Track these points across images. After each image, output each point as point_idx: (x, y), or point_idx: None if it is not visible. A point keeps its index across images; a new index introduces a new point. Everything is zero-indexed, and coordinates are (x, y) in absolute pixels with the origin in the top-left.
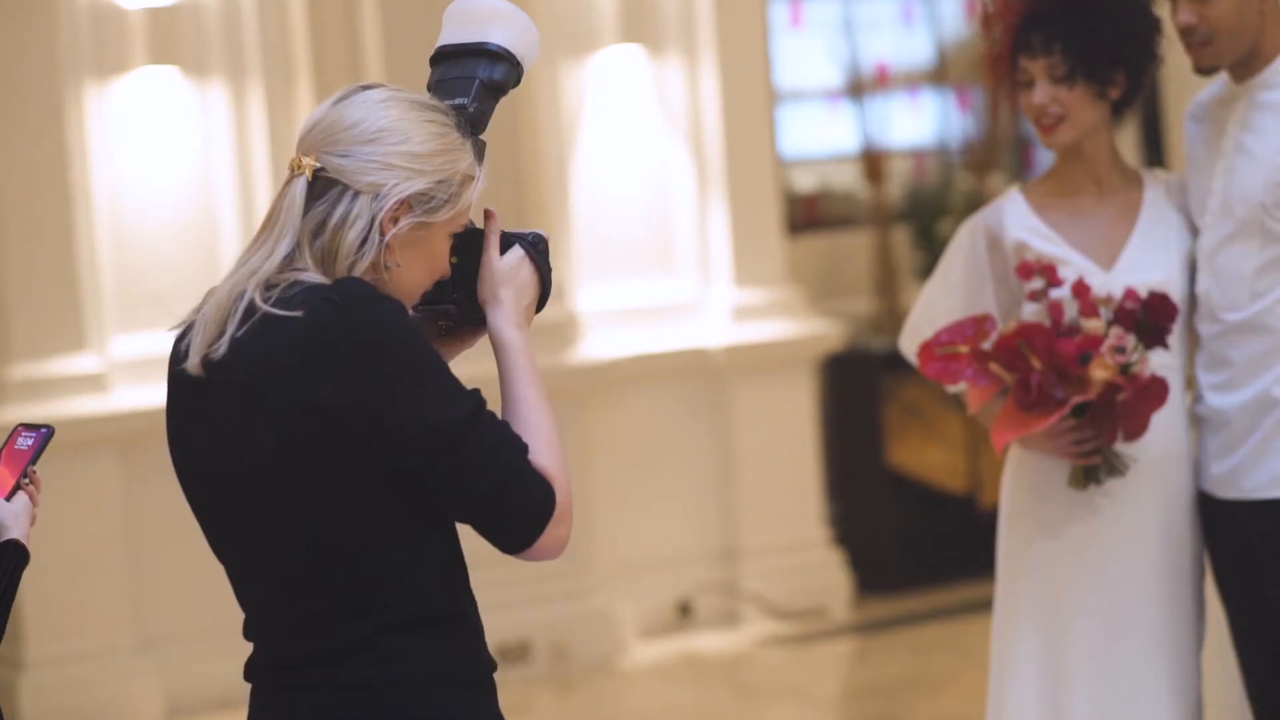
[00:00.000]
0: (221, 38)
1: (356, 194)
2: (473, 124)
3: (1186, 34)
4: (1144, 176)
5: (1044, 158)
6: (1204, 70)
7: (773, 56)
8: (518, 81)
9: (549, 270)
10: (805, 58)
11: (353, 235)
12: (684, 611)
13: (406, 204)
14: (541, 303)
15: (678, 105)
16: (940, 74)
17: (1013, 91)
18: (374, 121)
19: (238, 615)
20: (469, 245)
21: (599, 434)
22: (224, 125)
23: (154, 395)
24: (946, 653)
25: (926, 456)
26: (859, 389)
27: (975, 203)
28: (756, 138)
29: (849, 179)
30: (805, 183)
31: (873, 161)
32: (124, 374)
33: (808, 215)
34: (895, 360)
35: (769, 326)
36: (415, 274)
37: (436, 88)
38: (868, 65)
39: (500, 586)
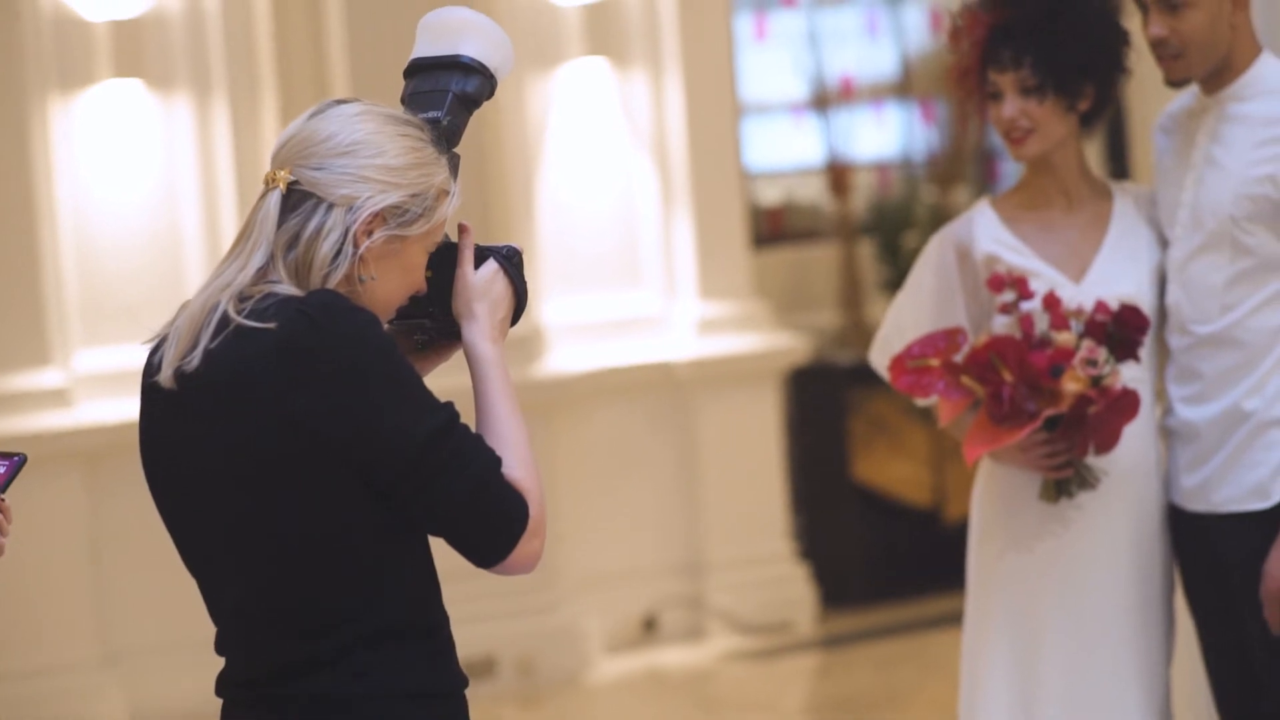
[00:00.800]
0: (186, 50)
1: (331, 207)
2: (447, 137)
3: (1158, 46)
4: (1113, 189)
5: (1008, 170)
6: (1175, 83)
7: (738, 69)
8: (491, 94)
9: (523, 284)
10: (770, 71)
11: (326, 247)
12: (649, 626)
13: (381, 217)
14: (516, 316)
15: (643, 118)
16: (905, 87)
17: (981, 105)
18: (348, 135)
19: (203, 630)
20: (443, 259)
21: (564, 447)
22: (188, 138)
23: (118, 410)
24: (912, 667)
25: (892, 470)
26: (824, 402)
27: (940, 216)
28: (721, 151)
29: (814, 192)
30: (770, 196)
31: (837, 174)
32: (88, 388)
33: (772, 228)
34: (860, 374)
35: (734, 340)
36: (390, 287)
37: (410, 101)
38: (832, 78)
39: (465, 601)
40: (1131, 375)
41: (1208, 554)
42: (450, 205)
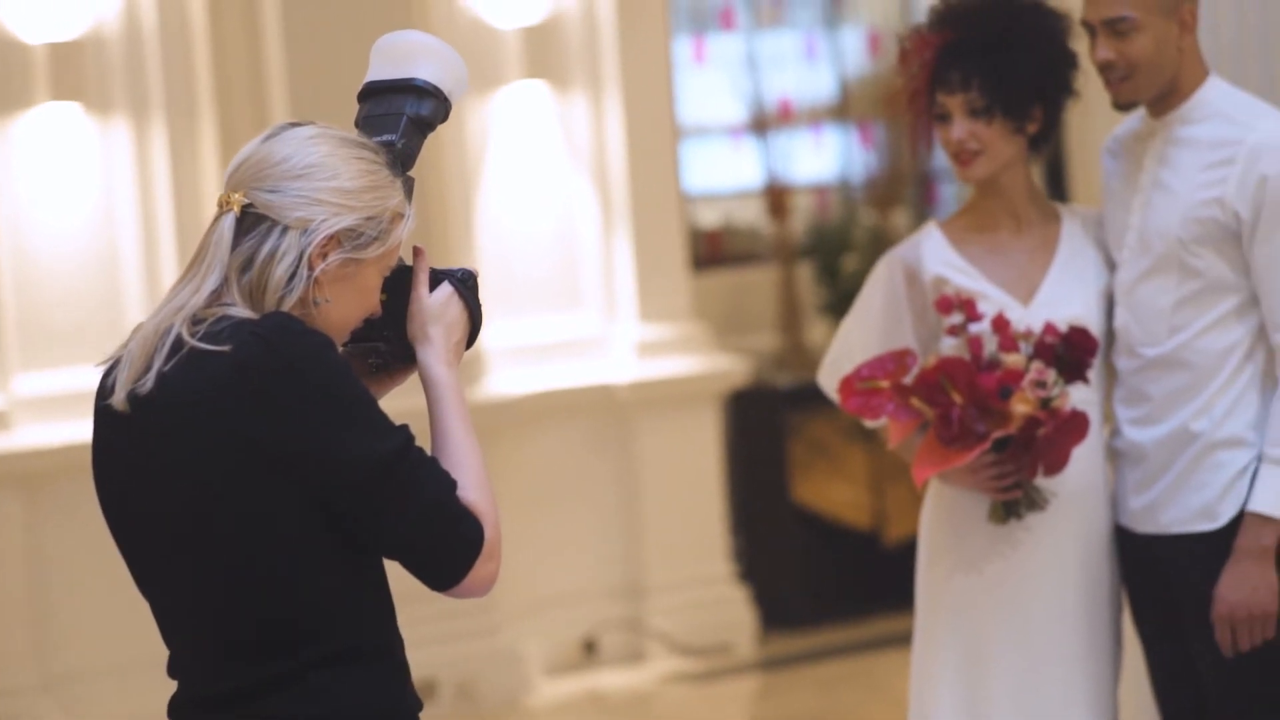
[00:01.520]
0: (124, 73)
1: (285, 229)
2: (401, 160)
3: (1106, 70)
4: (1061, 211)
5: (946, 193)
6: (1123, 106)
7: (676, 92)
8: (445, 117)
9: (478, 307)
10: (708, 93)
11: (281, 270)
12: (589, 649)
13: (335, 240)
14: (471, 340)
15: (582, 141)
16: (843, 110)
17: (929, 126)
18: (303, 158)
19: (144, 653)
20: (398, 282)
21: (504, 470)
22: (126, 161)
23: (57, 433)
24: (853, 688)
25: (831, 492)
26: (763, 425)
27: (879, 238)
28: (661, 173)
29: (752, 215)
30: (709, 218)
31: (776, 197)
32: (26, 412)
33: (711, 251)
34: (800, 396)
35: (674, 362)
36: (345, 310)
37: (364, 124)
38: (771, 101)
39: (406, 624)
40: (1080, 397)
41: (1155, 575)
42: (405, 228)
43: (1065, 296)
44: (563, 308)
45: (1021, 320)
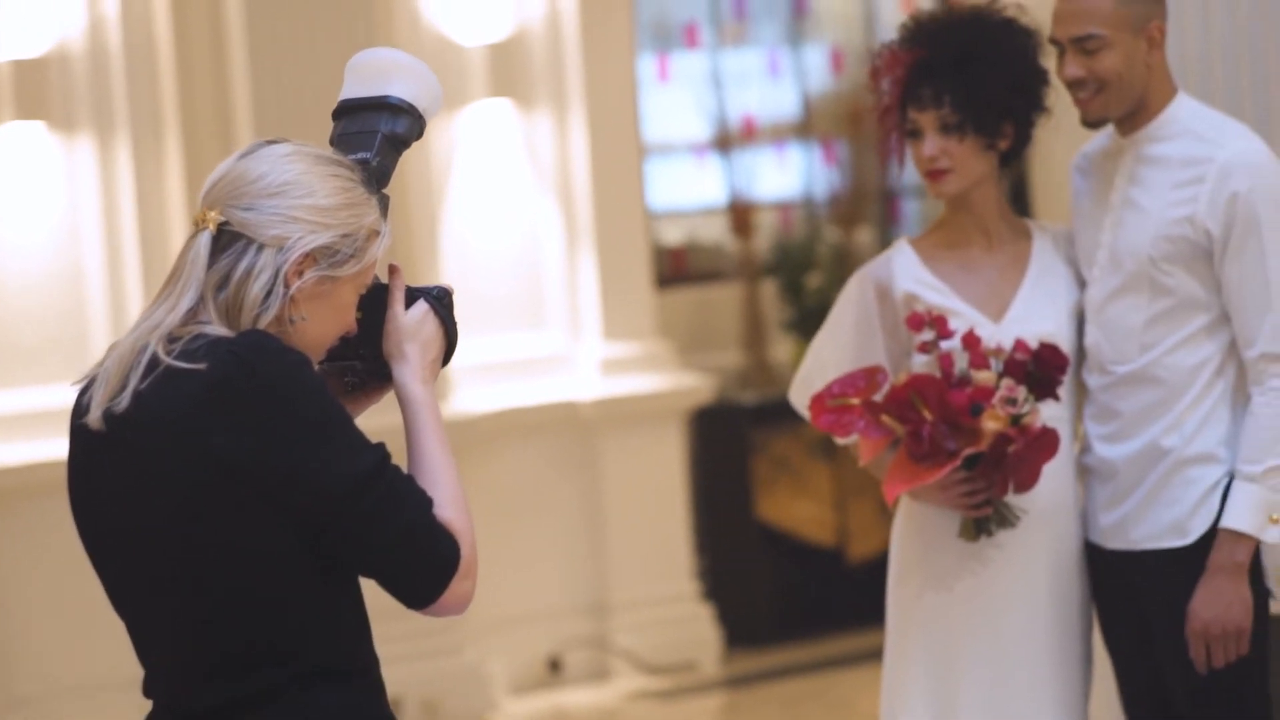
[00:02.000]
0: (89, 92)
1: (261, 247)
2: (376, 178)
3: (1075, 86)
4: (1031, 228)
5: (910, 211)
6: (1092, 123)
7: (641, 110)
8: (420, 134)
9: (454, 324)
10: (673, 111)
11: (257, 288)
12: (554, 667)
13: (311, 257)
14: (446, 358)
15: (546, 159)
16: (806, 127)
17: (901, 143)
18: (278, 175)
19: (110, 674)
20: (374, 300)
21: (469, 488)
22: (91, 180)
23: (16, 452)
24: (817, 706)
25: (795, 510)
26: (728, 443)
27: (842, 256)
28: (625, 191)
29: (716, 232)
30: (673, 236)
31: (740, 214)
32: None
33: (675, 268)
34: (764, 413)
35: (638, 380)
36: (321, 328)
37: (339, 142)
38: (734, 119)
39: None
40: (1050, 414)
41: (1125, 591)
42: (381, 246)
43: (1036, 313)
44: (528, 325)
45: (992, 337)
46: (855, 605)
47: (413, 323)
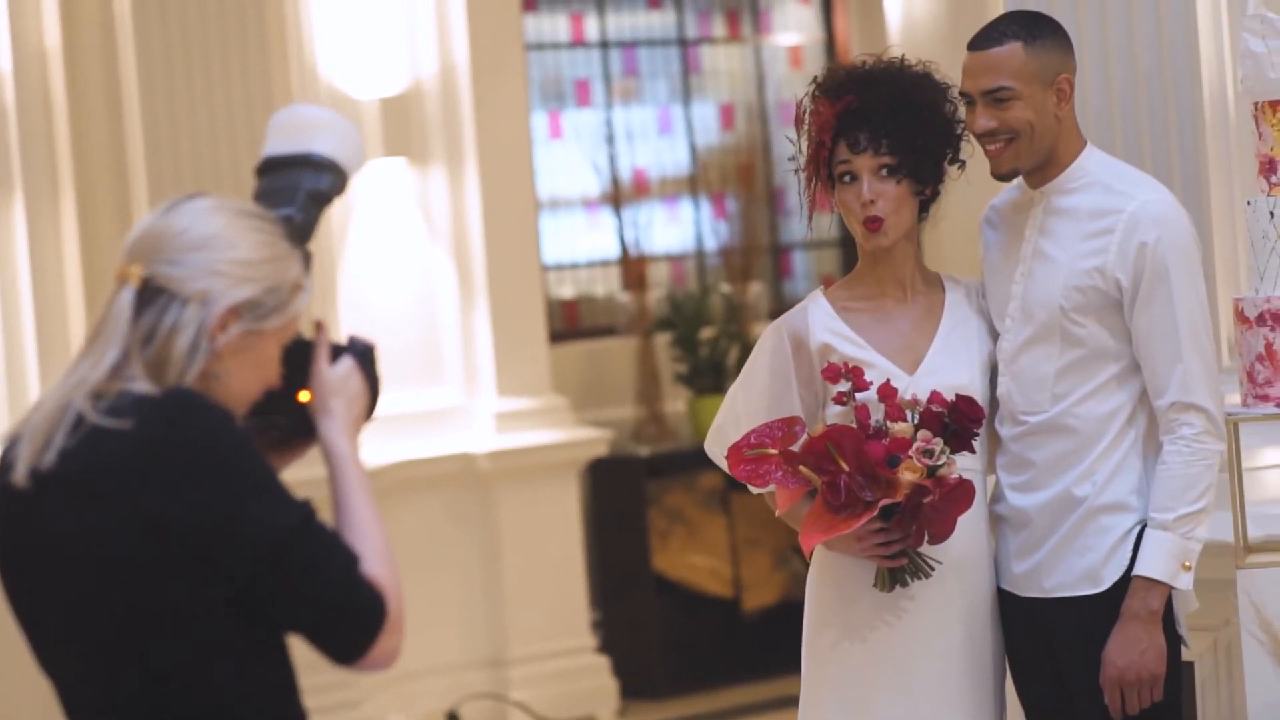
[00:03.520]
0: None
1: (185, 302)
2: (300, 234)
3: (986, 138)
4: (944, 280)
5: (800, 265)
6: (1003, 175)
7: (534, 166)
8: (342, 190)
9: (377, 379)
10: (565, 167)
11: (181, 343)
12: None
13: (235, 312)
14: (369, 412)
15: (441, 215)
16: (697, 182)
17: (825, 190)
18: (201, 229)
19: None
20: (299, 356)
21: None
22: None
23: None
24: None
25: (690, 562)
26: (623, 495)
27: (735, 310)
28: (519, 247)
29: (609, 286)
30: (566, 290)
31: (633, 268)
32: None
33: (569, 322)
34: (659, 466)
35: (534, 433)
36: (245, 382)
37: (262, 198)
38: (626, 174)
39: None
40: (964, 465)
41: (1039, 639)
42: (304, 300)
43: (950, 365)
44: (424, 380)
45: (907, 389)
46: (750, 656)
47: (338, 378)
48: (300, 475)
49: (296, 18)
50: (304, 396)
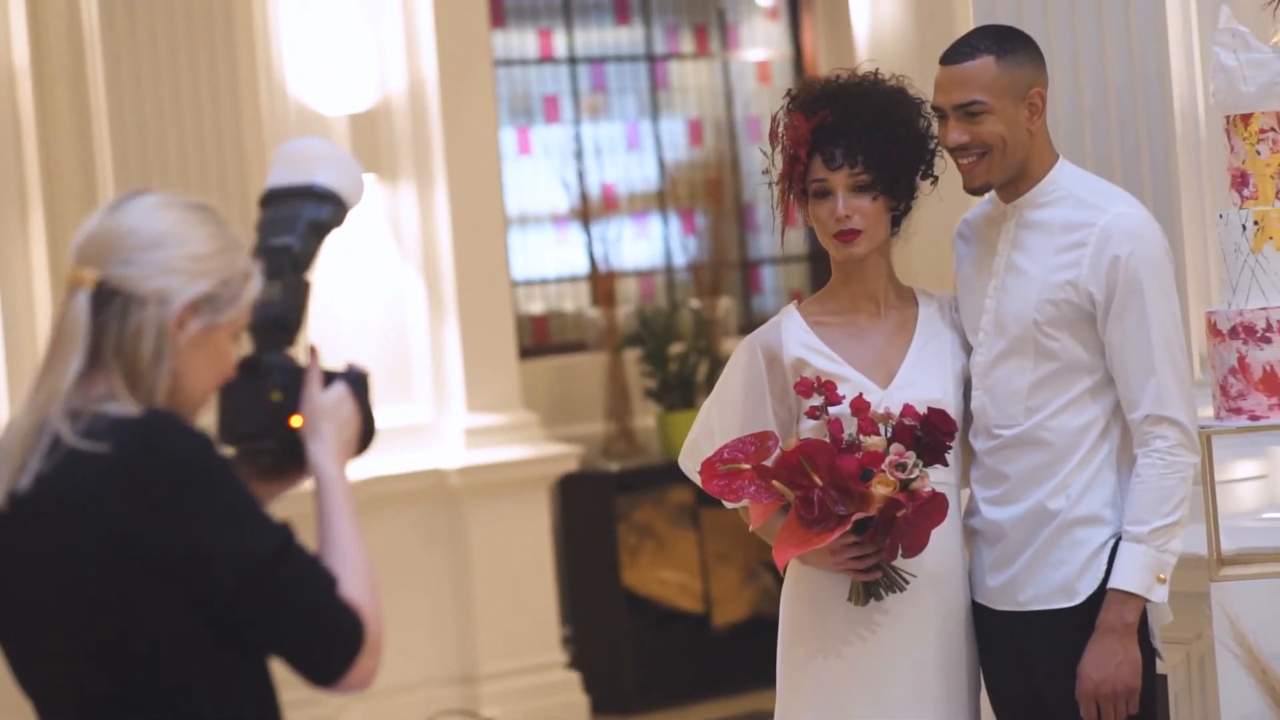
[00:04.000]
0: None
1: (143, 302)
2: (298, 263)
3: (959, 152)
4: (917, 294)
5: (769, 281)
6: (975, 189)
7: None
8: (342, 222)
9: (370, 408)
10: (534, 183)
11: (145, 346)
12: None
13: (193, 308)
14: (367, 441)
15: (410, 232)
16: (665, 198)
17: (800, 204)
18: (152, 227)
19: None
20: (293, 381)
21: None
22: None
23: None
24: None
25: (660, 577)
26: (593, 511)
27: (704, 325)
28: (488, 263)
29: (578, 302)
30: (535, 306)
31: (602, 284)
32: None
33: (538, 338)
34: (628, 482)
35: (504, 449)
36: (201, 378)
37: (263, 227)
38: (595, 190)
39: None
40: (937, 479)
41: (1013, 652)
42: (253, 289)
43: (923, 379)
44: (393, 396)
45: (881, 403)
46: (721, 671)
47: (330, 402)
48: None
49: (265, 34)
50: (296, 421)
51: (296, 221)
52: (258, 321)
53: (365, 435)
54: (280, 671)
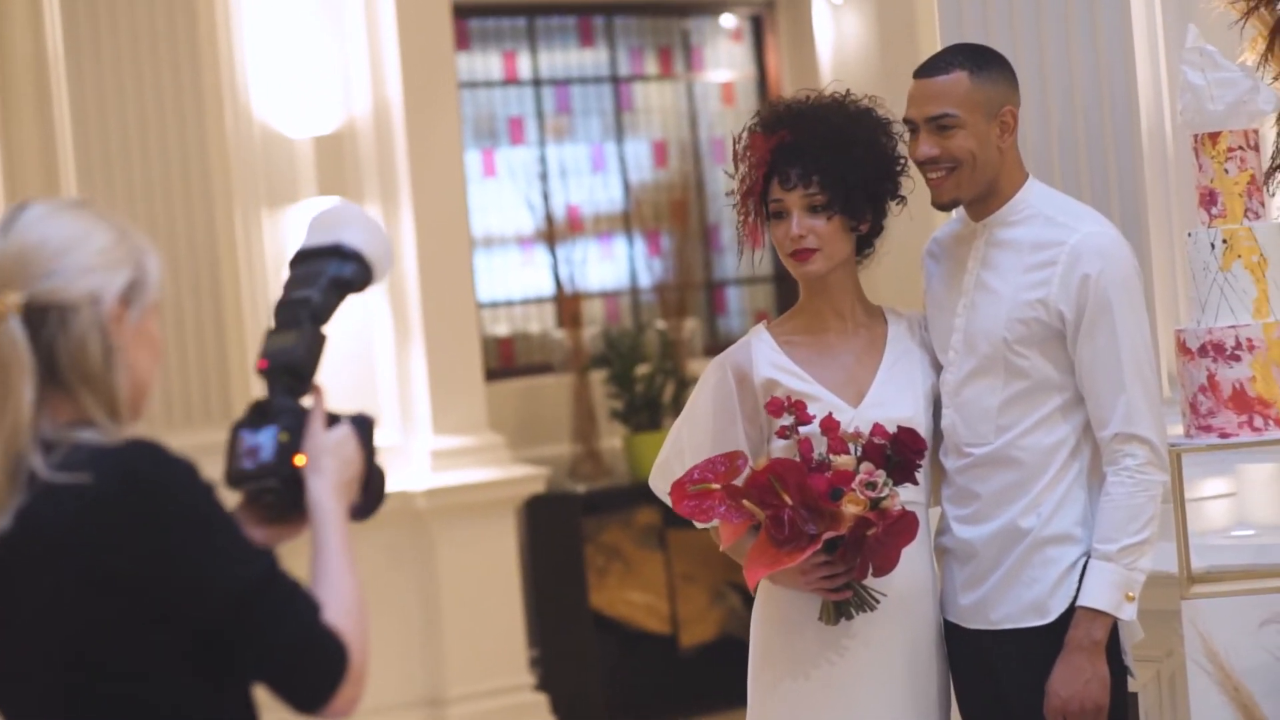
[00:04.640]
0: None
1: (77, 308)
2: (316, 315)
3: (928, 166)
4: (886, 313)
5: (734, 301)
6: (944, 204)
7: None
8: (365, 284)
9: (373, 451)
10: (499, 204)
11: (93, 349)
12: None
13: (124, 300)
14: (376, 489)
15: None
16: (630, 219)
17: (760, 225)
18: (57, 233)
19: None
20: (299, 423)
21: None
22: None
23: None
24: None
25: (627, 598)
26: (560, 532)
27: (670, 345)
28: (454, 285)
29: (544, 323)
30: (500, 327)
31: (567, 305)
32: None
33: (504, 360)
34: (595, 503)
35: (471, 471)
36: (145, 365)
37: (290, 284)
38: (560, 211)
39: None
40: (908, 498)
41: (984, 670)
42: (154, 266)
43: (893, 398)
44: None
45: (851, 422)
46: (688, 692)
47: (333, 441)
48: None
49: (230, 57)
50: (300, 460)
51: (320, 277)
52: (272, 367)
53: (377, 488)
54: (260, 697)
